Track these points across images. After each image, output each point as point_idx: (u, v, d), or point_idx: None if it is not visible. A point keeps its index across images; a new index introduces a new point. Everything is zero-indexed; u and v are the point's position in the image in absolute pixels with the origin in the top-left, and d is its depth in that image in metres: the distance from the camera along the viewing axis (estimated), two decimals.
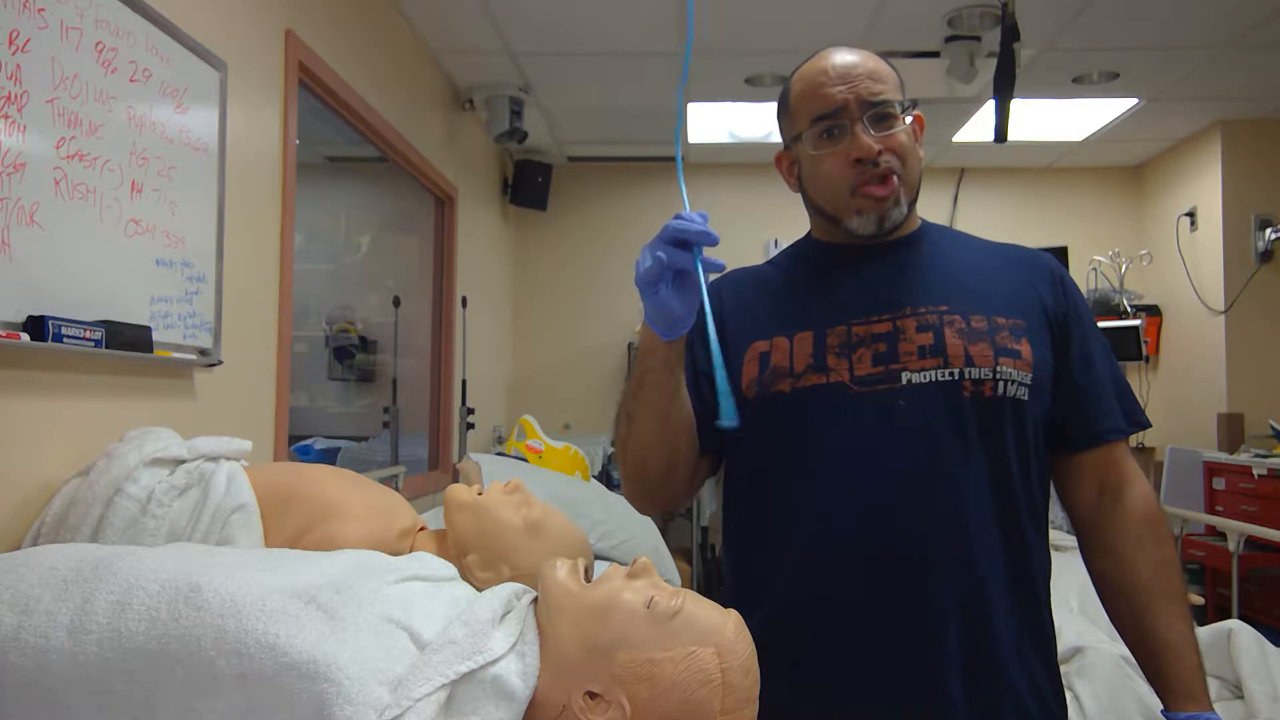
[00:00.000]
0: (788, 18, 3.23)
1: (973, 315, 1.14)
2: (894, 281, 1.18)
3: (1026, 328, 1.15)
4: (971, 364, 1.11)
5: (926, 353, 1.12)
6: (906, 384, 1.12)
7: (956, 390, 1.11)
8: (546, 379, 5.10)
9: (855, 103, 1.14)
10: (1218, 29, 3.35)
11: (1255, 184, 4.41)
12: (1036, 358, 1.14)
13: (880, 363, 1.13)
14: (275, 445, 2.20)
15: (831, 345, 1.15)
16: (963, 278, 1.19)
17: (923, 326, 1.14)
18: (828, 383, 1.13)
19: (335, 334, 3.96)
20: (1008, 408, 1.12)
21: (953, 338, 1.12)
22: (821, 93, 1.16)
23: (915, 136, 1.19)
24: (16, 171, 1.31)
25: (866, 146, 1.13)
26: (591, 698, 0.91)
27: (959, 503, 1.10)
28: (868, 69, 1.16)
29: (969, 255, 1.23)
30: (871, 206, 1.15)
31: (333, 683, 0.84)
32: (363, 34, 2.83)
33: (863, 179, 1.14)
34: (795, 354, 1.16)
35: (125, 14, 1.56)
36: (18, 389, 1.37)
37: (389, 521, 1.37)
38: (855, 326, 1.15)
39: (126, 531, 1.26)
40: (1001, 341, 1.13)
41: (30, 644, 0.89)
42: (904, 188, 1.16)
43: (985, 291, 1.17)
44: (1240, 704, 1.98)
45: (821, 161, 1.17)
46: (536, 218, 5.03)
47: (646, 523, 2.97)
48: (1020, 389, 1.12)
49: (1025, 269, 1.22)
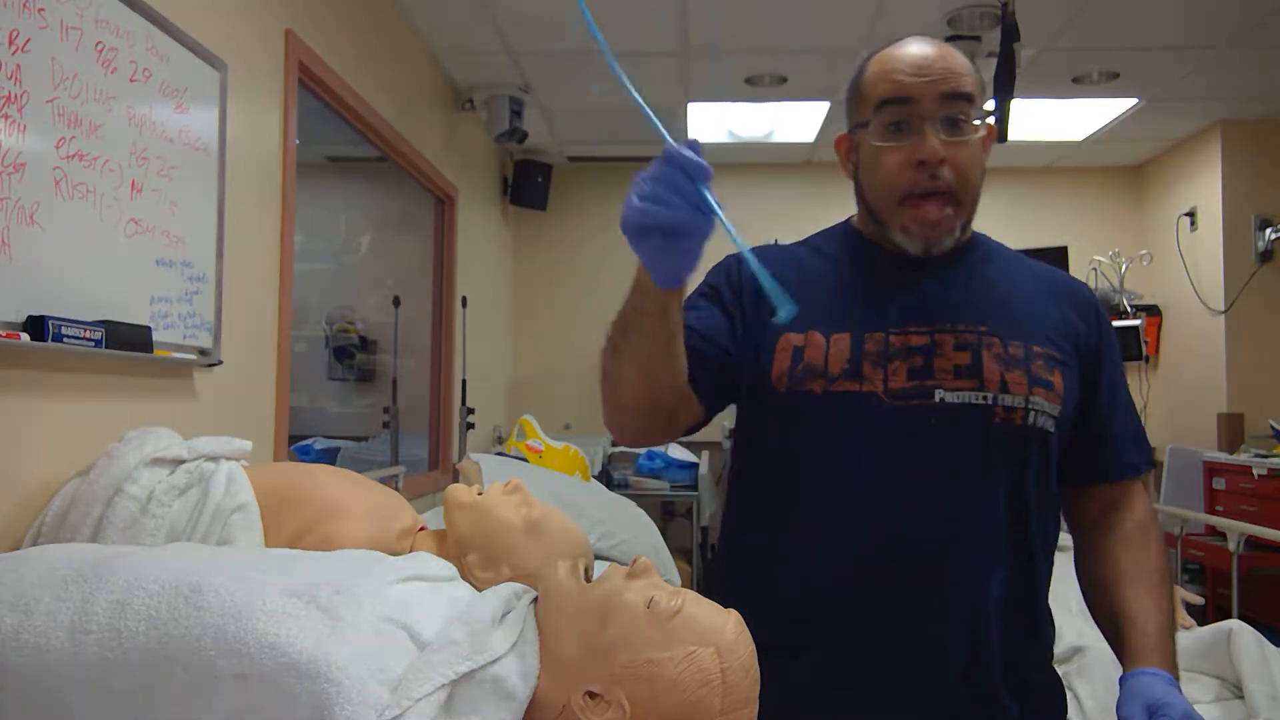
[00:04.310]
0: (788, 18, 3.23)
1: (1011, 341, 1.12)
2: (936, 294, 1.15)
3: (1060, 359, 1.14)
4: (1006, 391, 1.09)
5: (962, 373, 1.10)
6: (939, 402, 1.09)
7: (989, 416, 1.09)
8: (547, 379, 5.10)
9: (931, 98, 1.08)
10: (1218, 29, 3.35)
11: (1255, 184, 4.41)
12: (1066, 391, 1.13)
13: (915, 377, 1.10)
14: (275, 445, 2.20)
15: (869, 352, 1.12)
16: (1005, 299, 1.16)
17: (960, 345, 1.11)
18: (861, 391, 1.10)
19: (335, 334, 3.96)
20: (1035, 438, 1.11)
21: (990, 362, 1.10)
22: (896, 79, 1.10)
23: (984, 147, 1.13)
24: (16, 171, 1.31)
25: (932, 150, 1.07)
26: (591, 698, 0.91)
27: (975, 526, 1.09)
28: (949, 65, 1.09)
29: (1013, 277, 1.20)
30: (920, 231, 1.11)
31: (333, 683, 0.84)
32: (363, 34, 2.83)
33: (918, 188, 1.09)
34: (831, 355, 1.12)
35: (125, 14, 1.56)
36: (18, 389, 1.37)
37: (389, 521, 1.37)
38: (893, 336, 1.12)
39: (126, 531, 1.26)
40: (1036, 371, 1.11)
41: (30, 644, 0.89)
42: (961, 212, 1.11)
43: (1025, 317, 1.15)
44: (1240, 704, 1.97)
45: (882, 156, 1.11)
46: (536, 218, 5.03)
47: (647, 523, 2.96)
48: (1048, 420, 1.11)
49: (1065, 299, 1.20)
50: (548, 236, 5.15)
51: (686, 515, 4.66)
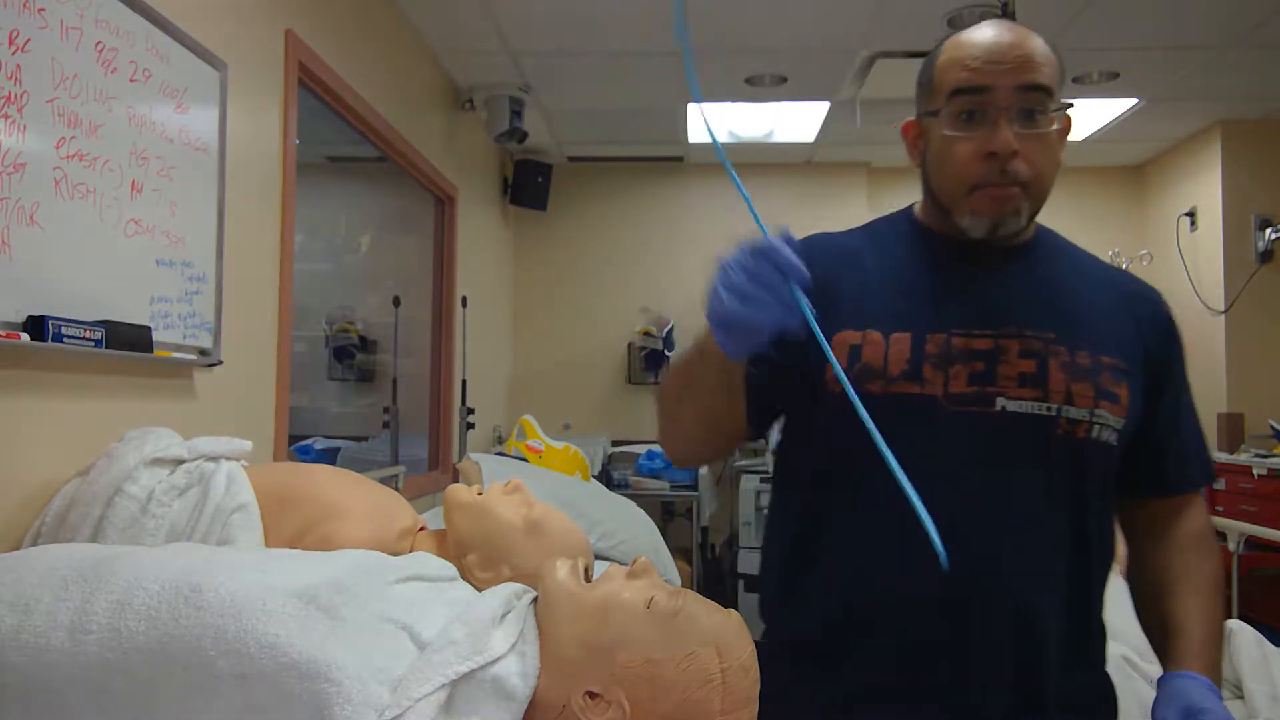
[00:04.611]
0: (788, 18, 3.23)
1: (1079, 350, 1.07)
2: (1002, 296, 1.10)
3: (1128, 370, 1.10)
4: (1070, 403, 1.05)
5: (1026, 381, 1.05)
6: (1000, 410, 1.05)
7: (1051, 427, 1.05)
8: (546, 379, 5.10)
9: (1006, 88, 1.03)
10: (1218, 29, 3.35)
11: (1255, 184, 4.41)
12: (1131, 404, 1.09)
13: (976, 383, 1.06)
14: (275, 445, 2.20)
15: (930, 354, 1.07)
16: (1073, 305, 1.11)
17: (1026, 352, 1.06)
18: (921, 394, 1.06)
19: (335, 334, 3.96)
20: (1097, 452, 1.07)
21: (1056, 371, 1.06)
22: (970, 67, 1.05)
23: (1060, 140, 1.10)
24: (16, 171, 1.31)
25: (1005, 142, 1.03)
26: (591, 698, 0.91)
27: (1031, 538, 1.06)
28: (1026, 53, 1.05)
29: (1082, 280, 1.15)
30: (987, 209, 1.06)
31: (333, 683, 0.84)
32: (363, 34, 2.83)
33: (988, 180, 1.05)
34: (890, 355, 1.08)
35: (125, 14, 1.56)
36: (18, 389, 1.37)
37: (389, 521, 1.37)
38: (955, 338, 1.07)
39: (126, 531, 1.26)
40: (1103, 384, 1.07)
41: (30, 644, 0.89)
42: (1029, 201, 1.07)
43: (1092, 324, 1.10)
44: (1240, 704, 1.97)
45: (952, 146, 1.06)
46: (536, 218, 5.03)
47: (647, 523, 2.96)
48: (1112, 434, 1.07)
49: (1137, 307, 1.15)
50: (548, 236, 5.15)
51: (686, 515, 4.66)
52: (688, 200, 5.15)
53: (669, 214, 5.14)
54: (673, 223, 5.12)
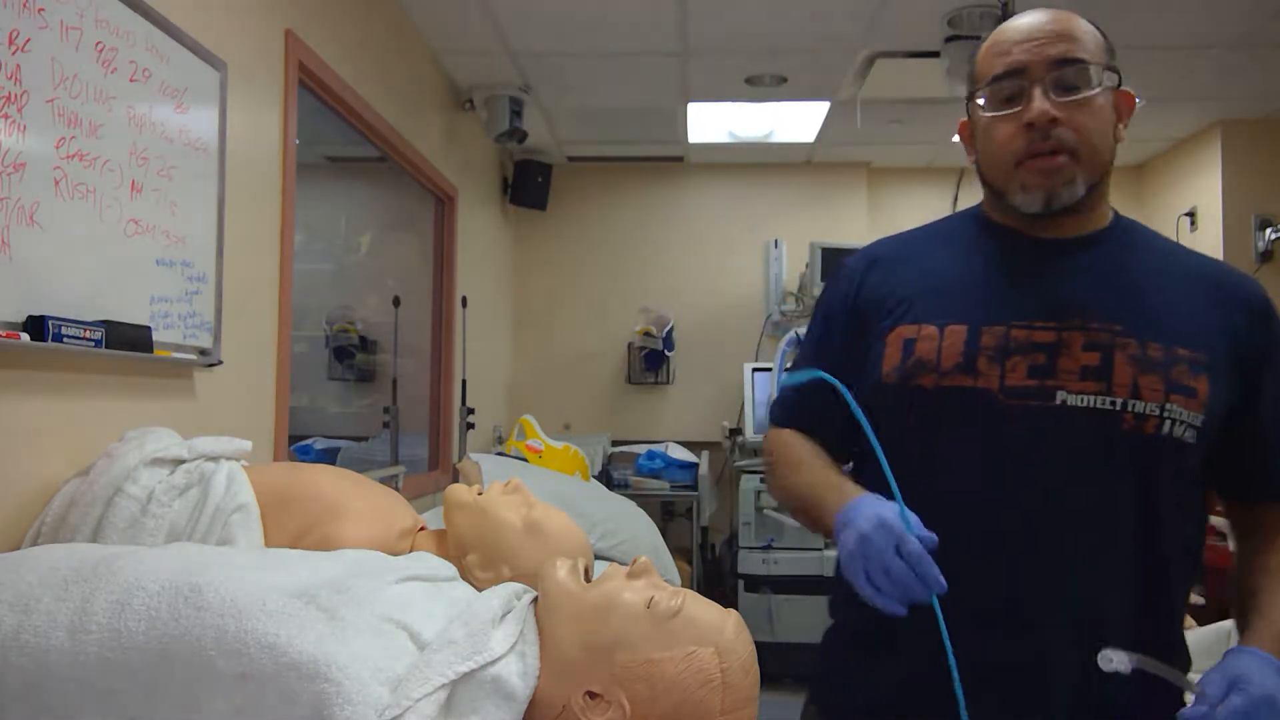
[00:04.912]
0: (788, 18, 3.23)
1: (1150, 342, 1.02)
2: (1067, 286, 1.06)
3: (1208, 363, 1.03)
4: (1138, 396, 1.00)
5: (1090, 375, 1.01)
6: (1060, 405, 1.01)
7: (1115, 422, 1.00)
8: (546, 379, 5.10)
9: (1039, 64, 1.03)
10: (1218, 29, 3.35)
11: (1255, 184, 4.41)
12: (1213, 400, 1.02)
13: (1035, 376, 1.02)
14: (275, 445, 2.20)
15: (986, 346, 1.05)
16: (1146, 295, 1.06)
17: (1090, 345, 1.02)
18: (974, 387, 1.04)
19: (335, 334, 3.96)
20: (1169, 449, 1.01)
21: (1123, 364, 1.01)
22: (1004, 51, 1.06)
23: (1120, 114, 1.09)
24: (16, 171, 1.31)
25: (1040, 111, 1.02)
26: (591, 697, 0.91)
27: (1095, 542, 1.01)
28: (1060, 29, 1.05)
29: (1162, 269, 1.10)
30: (1037, 182, 1.04)
31: (333, 683, 0.84)
32: (363, 34, 2.83)
33: (1031, 150, 1.03)
34: (945, 349, 1.06)
35: (125, 14, 1.56)
36: (18, 389, 1.37)
37: (389, 521, 1.37)
38: (1015, 330, 1.05)
39: (127, 531, 1.26)
40: (1177, 377, 1.01)
41: (30, 644, 0.89)
42: (1081, 168, 1.04)
43: (1168, 315, 1.05)
44: None
45: (994, 127, 1.07)
46: (536, 218, 5.03)
47: (647, 522, 2.96)
48: (1188, 430, 1.01)
49: (1222, 294, 1.09)
50: (548, 236, 5.15)
51: (686, 515, 4.66)
52: (688, 200, 5.15)
53: (669, 214, 5.14)
54: (673, 223, 5.12)
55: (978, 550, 1.02)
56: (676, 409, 5.04)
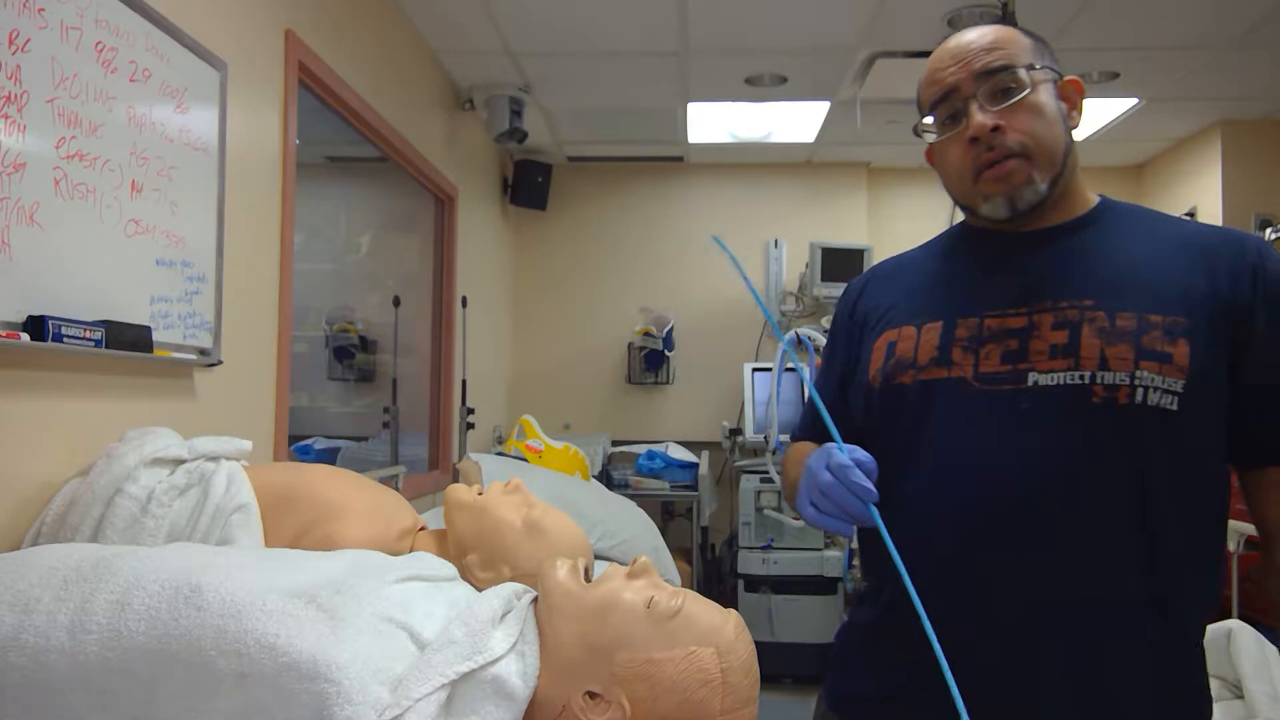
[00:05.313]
0: (788, 18, 3.23)
1: (1120, 313, 1.02)
2: (1039, 273, 1.08)
3: (1189, 326, 1.01)
4: (1105, 368, 1.00)
5: (1058, 353, 1.02)
6: (1031, 385, 1.03)
7: (1085, 396, 1.00)
8: (546, 379, 5.09)
9: (967, 80, 1.07)
10: (1218, 29, 3.35)
11: (1255, 184, 4.40)
12: (1196, 362, 0.99)
13: (1008, 361, 1.05)
14: (275, 445, 2.20)
15: (960, 338, 1.08)
16: (1121, 269, 1.06)
17: (1060, 324, 1.04)
18: (949, 378, 1.07)
19: (335, 334, 3.95)
20: (1150, 418, 0.99)
21: (1090, 337, 1.01)
22: (935, 78, 1.11)
23: (1070, 102, 1.10)
24: (16, 171, 1.31)
25: (979, 124, 1.05)
26: (591, 697, 0.91)
27: (1076, 520, 1.00)
28: (984, 43, 1.08)
29: (1142, 242, 1.09)
30: (997, 190, 1.07)
31: (333, 683, 0.84)
32: (363, 34, 2.83)
33: (983, 160, 1.07)
34: (921, 345, 1.10)
35: (125, 14, 1.56)
36: (18, 389, 1.37)
37: (389, 521, 1.37)
38: (988, 319, 1.08)
39: (126, 531, 1.26)
40: (1149, 343, 1.00)
41: (30, 644, 0.89)
42: (1036, 166, 1.06)
43: (1144, 284, 1.04)
44: (1240, 704, 1.98)
45: (945, 149, 1.11)
46: (536, 218, 5.03)
47: (647, 523, 2.96)
48: (1167, 397, 0.99)
49: (1207, 254, 1.06)
50: (548, 236, 5.15)
51: (686, 515, 4.66)
52: (688, 200, 5.15)
53: (669, 214, 5.14)
54: (673, 223, 5.12)
55: (965, 537, 1.04)
56: (676, 409, 5.04)
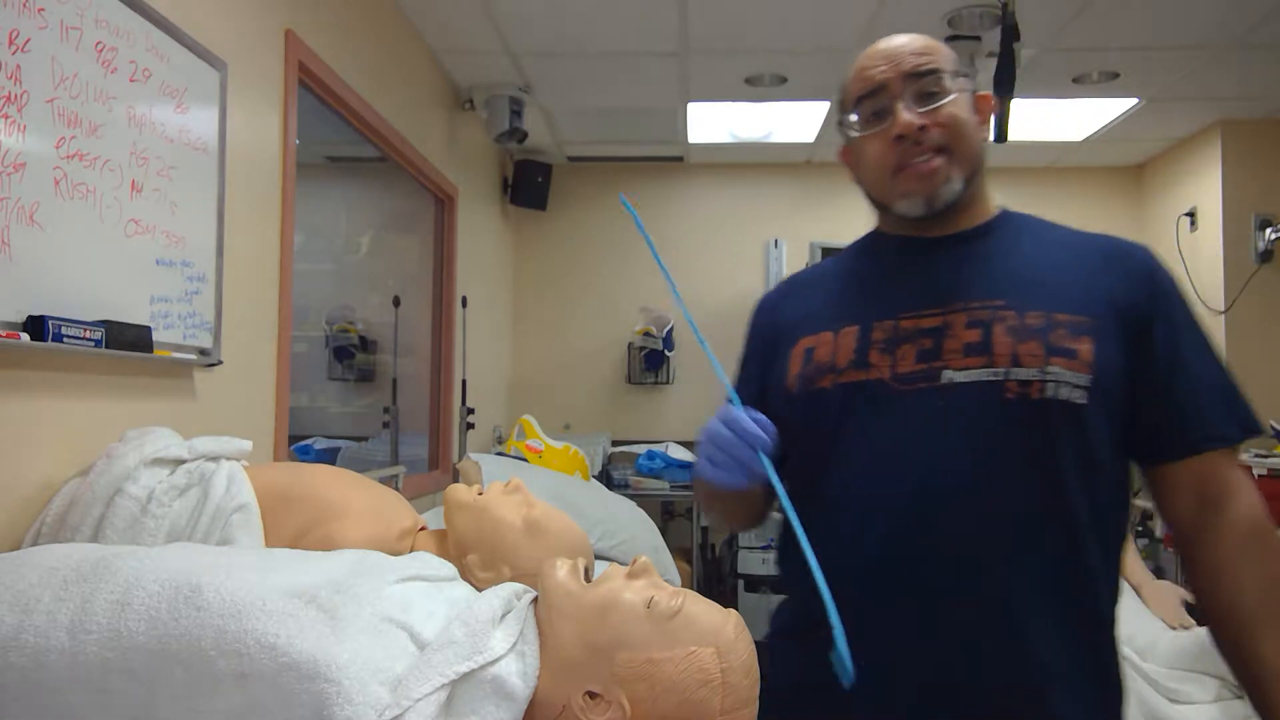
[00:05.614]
0: (788, 18, 3.23)
1: (1029, 312, 1.06)
2: (951, 275, 1.12)
3: (1091, 325, 1.06)
4: (1018, 364, 1.03)
5: (972, 350, 1.06)
6: (947, 383, 1.06)
7: (999, 392, 1.04)
8: (546, 379, 5.10)
9: (897, 79, 1.11)
10: (1218, 29, 3.35)
11: (1255, 184, 4.40)
12: (1100, 358, 1.04)
13: (924, 360, 1.08)
14: (275, 445, 2.20)
15: (876, 341, 1.11)
16: (1029, 272, 1.11)
17: (973, 323, 1.07)
18: (868, 379, 1.09)
19: (335, 334, 3.96)
20: (1059, 412, 1.03)
21: (1002, 335, 1.05)
22: (865, 75, 1.14)
23: (981, 115, 1.14)
24: (16, 171, 1.31)
25: (906, 122, 1.09)
26: (591, 697, 0.91)
27: (995, 513, 1.03)
28: (914, 47, 1.13)
29: (1045, 247, 1.15)
30: (917, 187, 1.11)
31: (333, 683, 0.84)
32: (363, 34, 2.83)
33: (906, 158, 1.10)
34: (839, 349, 1.13)
35: (125, 14, 1.56)
36: (18, 389, 1.37)
37: (389, 521, 1.37)
38: (903, 321, 1.11)
39: (127, 531, 1.26)
40: (1056, 340, 1.04)
41: (30, 644, 0.89)
42: (955, 164, 1.10)
43: (1049, 286, 1.09)
44: (1240, 704, 1.97)
45: (866, 144, 1.14)
46: (536, 218, 5.03)
47: (647, 523, 2.97)
48: (1075, 392, 1.03)
49: (1109, 263, 1.12)
50: (548, 236, 5.15)
51: (686, 515, 4.66)
52: (688, 200, 5.15)
53: (669, 214, 5.14)
54: (673, 223, 5.12)
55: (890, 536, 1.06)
56: (676, 409, 5.04)
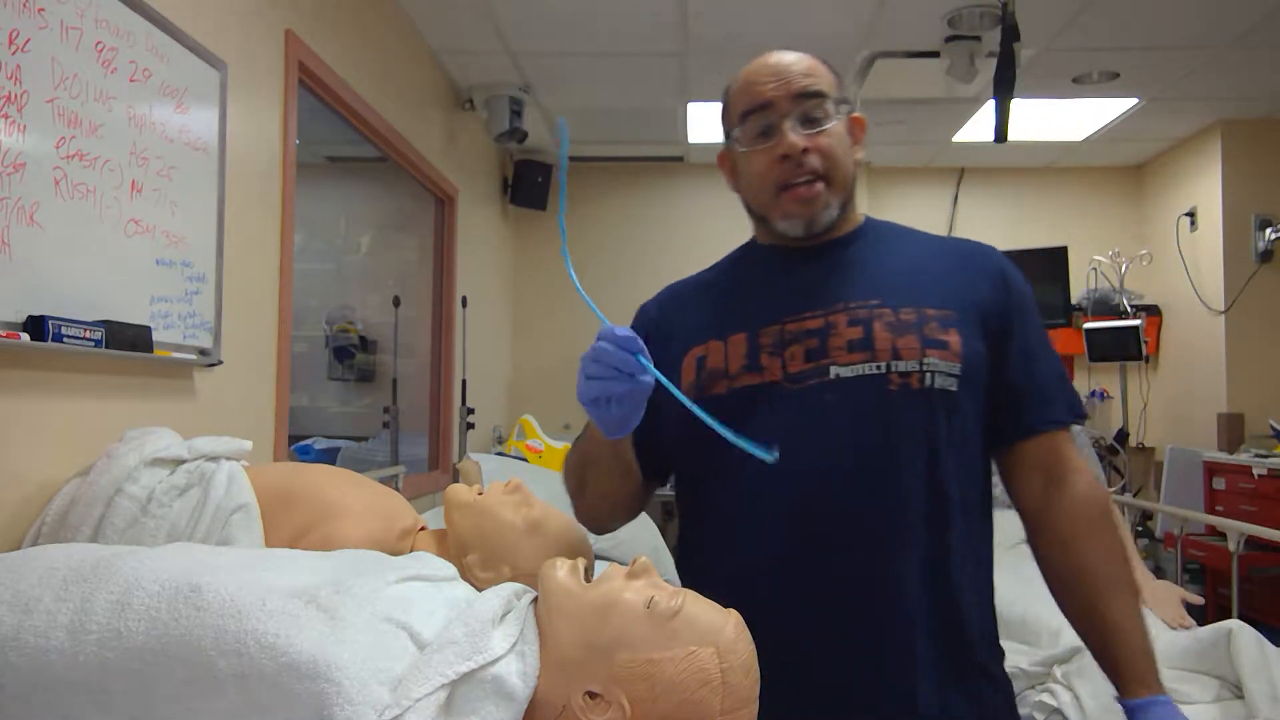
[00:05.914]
0: (787, 17, 3.23)
1: (903, 309, 1.14)
2: (828, 279, 1.19)
3: (957, 319, 1.14)
4: (898, 357, 1.11)
5: (856, 346, 1.12)
6: (835, 378, 1.12)
7: (883, 384, 1.11)
8: (547, 379, 5.09)
9: (785, 99, 1.15)
10: (1218, 29, 3.35)
11: (1255, 184, 4.41)
12: (966, 349, 1.13)
13: (811, 359, 1.13)
14: (275, 445, 2.20)
15: (765, 345, 1.16)
16: (897, 272, 1.19)
17: (854, 321, 1.14)
18: (762, 382, 1.14)
19: (335, 334, 3.96)
20: (938, 399, 1.11)
21: (881, 331, 1.12)
22: (753, 90, 1.18)
23: (855, 138, 1.20)
24: (16, 171, 1.31)
25: (791, 143, 1.14)
26: (591, 698, 0.91)
27: (888, 500, 1.10)
28: (802, 68, 1.17)
29: (908, 250, 1.23)
30: (798, 210, 1.17)
31: (333, 683, 0.84)
32: (363, 34, 2.83)
33: (788, 177, 1.15)
34: (730, 356, 1.17)
35: (125, 14, 1.56)
36: (18, 389, 1.37)
37: (389, 521, 1.37)
38: (788, 325, 1.16)
39: (127, 531, 1.26)
40: (929, 333, 1.12)
41: (30, 644, 0.89)
42: (832, 191, 1.17)
43: (918, 284, 1.17)
44: (1240, 704, 1.97)
45: (750, 159, 1.19)
46: (536, 218, 5.03)
47: (647, 523, 2.97)
48: (949, 380, 1.12)
49: (963, 262, 1.22)
50: (548, 236, 5.15)
51: None
52: (688, 200, 5.14)
53: (669, 214, 5.14)
54: (673, 223, 5.12)
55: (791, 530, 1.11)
56: None
